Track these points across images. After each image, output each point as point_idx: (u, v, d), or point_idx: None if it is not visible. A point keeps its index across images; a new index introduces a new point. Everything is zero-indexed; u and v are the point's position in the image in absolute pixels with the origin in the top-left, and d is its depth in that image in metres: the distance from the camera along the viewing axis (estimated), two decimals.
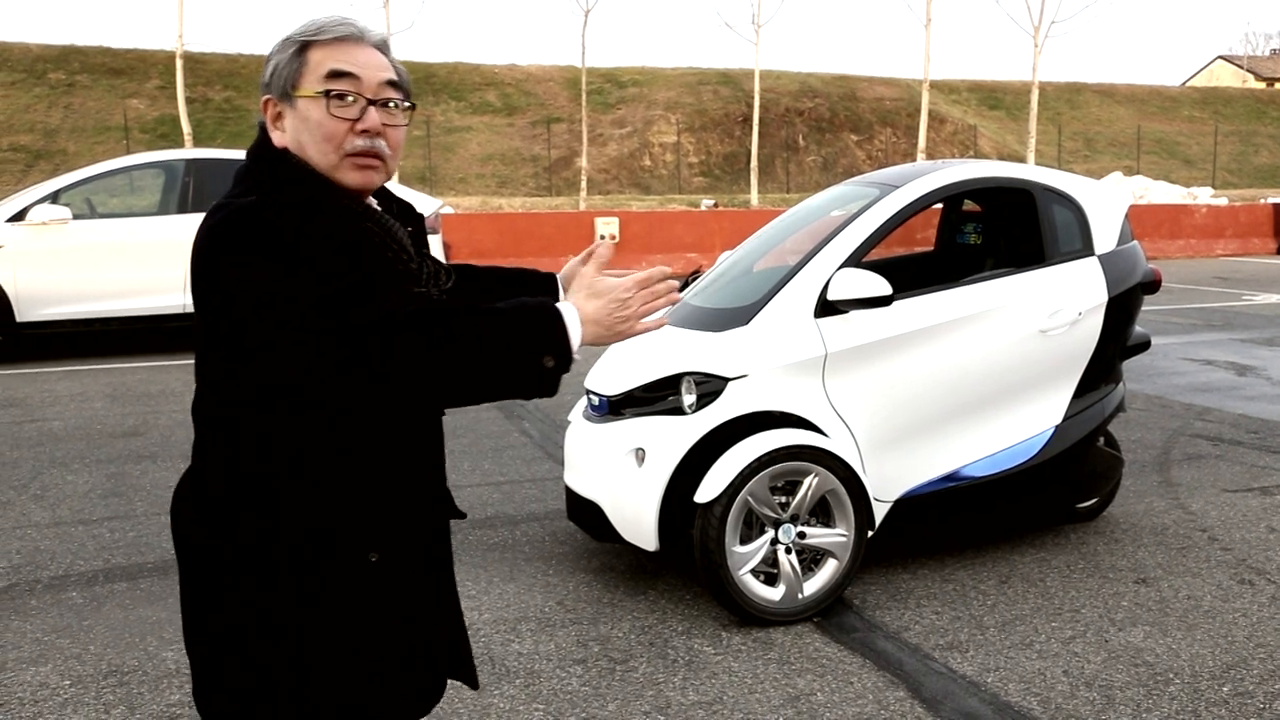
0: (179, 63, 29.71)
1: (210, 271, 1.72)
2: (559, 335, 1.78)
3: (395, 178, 30.06)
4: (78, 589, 4.85)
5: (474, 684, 2.15)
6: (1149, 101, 55.46)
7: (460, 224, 18.93)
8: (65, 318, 10.77)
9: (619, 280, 1.88)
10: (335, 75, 1.83)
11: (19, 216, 10.58)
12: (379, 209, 1.91)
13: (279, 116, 1.86)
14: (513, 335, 1.75)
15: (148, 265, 10.66)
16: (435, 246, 11.90)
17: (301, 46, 1.84)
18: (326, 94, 1.82)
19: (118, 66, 41.18)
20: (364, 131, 1.83)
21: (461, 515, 2.16)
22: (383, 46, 1.91)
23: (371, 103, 1.85)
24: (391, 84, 1.88)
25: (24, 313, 10.58)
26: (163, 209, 11.21)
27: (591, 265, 1.93)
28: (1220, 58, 70.49)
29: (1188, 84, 65.09)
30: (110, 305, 10.85)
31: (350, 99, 1.83)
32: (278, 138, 1.87)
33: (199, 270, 1.75)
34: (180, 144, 29.55)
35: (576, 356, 1.81)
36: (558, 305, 1.82)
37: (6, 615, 4.56)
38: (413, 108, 1.94)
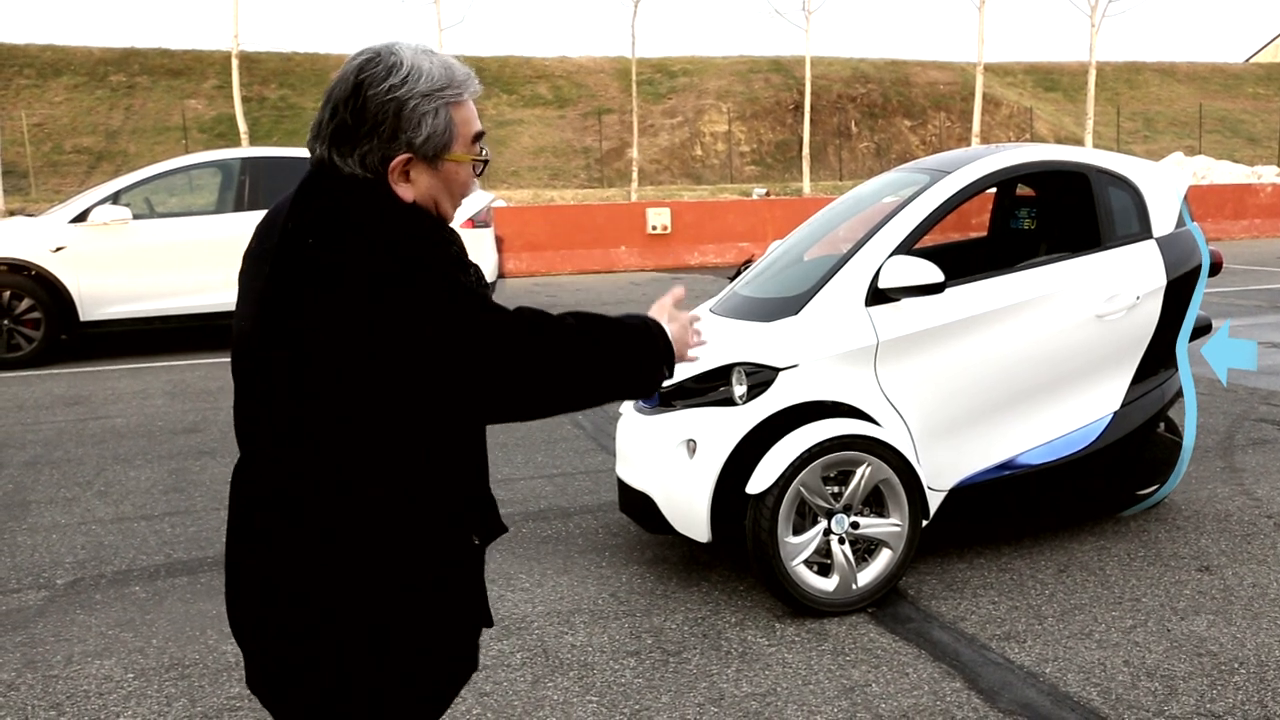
0: (234, 62, 30.12)
1: (375, 311, 1.76)
2: (670, 353, 2.04)
3: None
4: (140, 583, 4.94)
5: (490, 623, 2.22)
6: (1211, 79, 54.30)
7: (512, 217, 19.01)
8: (127, 316, 10.96)
9: (688, 314, 2.15)
10: (479, 138, 1.97)
11: (81, 217, 10.77)
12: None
13: (407, 174, 1.89)
14: (638, 347, 2.00)
15: (206, 264, 10.81)
16: (488, 240, 11.96)
17: (447, 106, 1.89)
18: (479, 161, 1.97)
19: (176, 67, 41.77)
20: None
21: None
22: None
23: None
24: None
25: (87, 312, 10.78)
26: (220, 208, 11.36)
27: (669, 298, 2.16)
28: None
29: (1251, 60, 63.57)
30: (170, 303, 11.02)
31: None
32: (405, 190, 1.89)
33: (343, 316, 1.77)
34: (237, 143, 29.96)
35: None
36: (660, 323, 2.06)
37: (72, 609, 4.66)
38: None
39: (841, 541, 4.41)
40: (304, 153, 2.03)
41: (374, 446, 1.84)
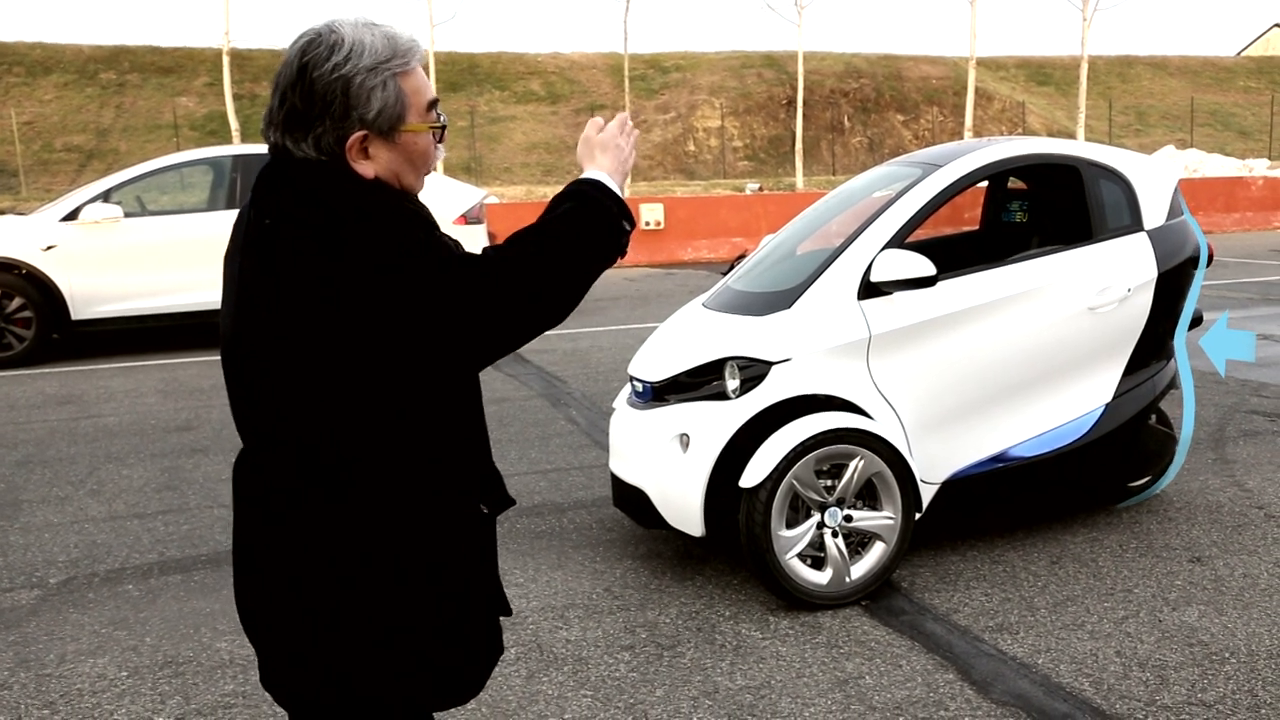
0: (225, 60, 30.05)
1: (371, 284, 1.76)
2: (622, 204, 1.99)
3: (441, 169, 30.01)
4: (133, 582, 4.94)
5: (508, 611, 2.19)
6: (1202, 73, 54.37)
7: (505, 213, 18.96)
8: (118, 315, 10.94)
9: (611, 131, 2.09)
10: (433, 105, 1.95)
11: (72, 216, 10.74)
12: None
13: (365, 150, 1.88)
14: (598, 223, 1.95)
15: (198, 261, 10.77)
16: (480, 237, 11.94)
17: (395, 77, 1.87)
18: (436, 128, 1.94)
19: (166, 65, 41.66)
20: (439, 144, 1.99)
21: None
22: None
23: None
24: None
25: (79, 311, 10.75)
26: (211, 205, 11.34)
27: (589, 128, 2.11)
28: (1277, 25, 68.76)
29: (1243, 53, 63.67)
30: (162, 301, 11.00)
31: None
32: (365, 168, 1.88)
33: (337, 293, 1.77)
34: (229, 140, 29.90)
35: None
36: (598, 180, 2.00)
37: (65, 608, 4.65)
38: None
39: (835, 535, 4.42)
40: None
41: (370, 427, 1.83)
